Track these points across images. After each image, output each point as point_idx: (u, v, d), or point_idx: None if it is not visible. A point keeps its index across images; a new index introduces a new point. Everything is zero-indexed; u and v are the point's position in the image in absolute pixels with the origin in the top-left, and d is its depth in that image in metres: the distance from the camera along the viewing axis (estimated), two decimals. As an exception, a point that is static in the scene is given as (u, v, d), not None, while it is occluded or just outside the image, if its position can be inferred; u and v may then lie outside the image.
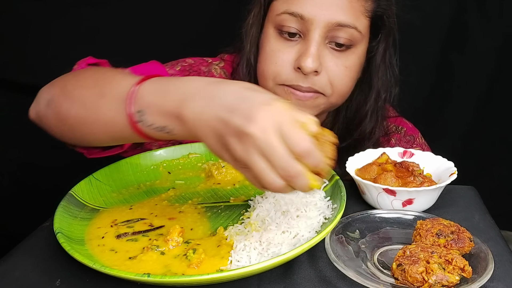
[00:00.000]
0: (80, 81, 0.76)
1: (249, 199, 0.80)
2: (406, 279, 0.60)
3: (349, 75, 0.96)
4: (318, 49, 0.91)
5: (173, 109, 0.62)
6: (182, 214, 0.77)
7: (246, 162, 0.57)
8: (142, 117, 0.64)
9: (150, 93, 0.64)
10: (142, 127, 0.65)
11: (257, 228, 0.69)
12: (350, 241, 0.70)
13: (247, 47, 1.02)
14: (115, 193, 0.84)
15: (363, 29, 0.93)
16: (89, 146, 0.79)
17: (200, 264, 0.63)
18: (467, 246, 0.66)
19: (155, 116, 0.63)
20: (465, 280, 0.60)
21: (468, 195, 0.86)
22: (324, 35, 0.91)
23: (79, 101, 0.72)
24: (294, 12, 0.91)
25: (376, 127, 1.05)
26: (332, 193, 0.78)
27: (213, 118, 0.58)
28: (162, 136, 0.65)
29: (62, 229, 0.68)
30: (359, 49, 0.95)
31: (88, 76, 0.77)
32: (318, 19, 0.89)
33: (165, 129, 0.64)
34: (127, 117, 0.65)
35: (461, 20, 1.53)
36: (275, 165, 0.56)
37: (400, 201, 0.79)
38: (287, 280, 0.64)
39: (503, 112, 1.61)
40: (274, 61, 0.95)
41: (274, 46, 0.95)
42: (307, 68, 0.90)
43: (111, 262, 0.64)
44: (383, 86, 1.03)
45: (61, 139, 0.79)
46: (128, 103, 0.65)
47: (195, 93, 0.61)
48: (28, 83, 1.41)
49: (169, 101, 0.62)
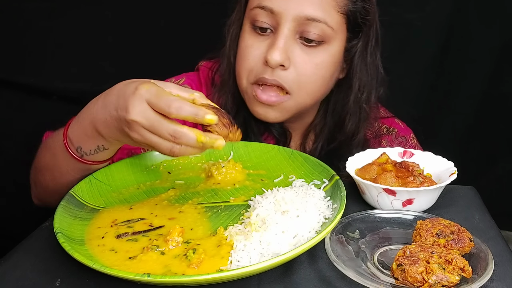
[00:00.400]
0: (40, 154, 0.91)
1: (249, 199, 0.80)
2: (406, 279, 0.60)
3: (319, 73, 0.94)
4: (285, 43, 0.90)
5: (91, 131, 0.76)
6: (182, 214, 0.77)
7: (144, 142, 0.69)
8: (81, 151, 0.80)
9: (75, 131, 0.79)
10: (88, 158, 0.80)
11: (257, 228, 0.69)
12: (350, 241, 0.70)
13: (227, 46, 1.02)
14: (115, 193, 0.84)
15: (334, 24, 0.92)
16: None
17: (200, 264, 0.63)
18: (467, 246, 0.66)
19: (88, 144, 0.78)
20: (465, 280, 0.60)
21: (468, 195, 0.86)
22: (293, 29, 0.90)
23: (45, 169, 0.88)
24: (265, 6, 0.91)
25: (359, 128, 1.03)
26: (332, 193, 0.78)
27: (110, 119, 0.72)
28: (104, 154, 0.80)
29: (62, 229, 0.68)
30: (332, 46, 0.94)
31: (43, 147, 0.91)
32: (287, 13, 0.89)
33: (100, 148, 0.78)
34: (73, 158, 0.80)
35: (460, 20, 1.53)
36: (161, 135, 0.67)
37: (400, 201, 0.79)
38: (287, 280, 0.64)
39: (503, 112, 1.61)
40: (246, 57, 0.95)
41: (247, 42, 0.95)
42: (272, 60, 0.89)
43: (111, 262, 0.64)
44: (364, 86, 1.00)
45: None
46: (67, 148, 0.80)
47: (95, 110, 0.75)
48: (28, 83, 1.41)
49: (86, 128, 0.77)
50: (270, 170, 0.90)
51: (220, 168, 0.88)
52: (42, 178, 0.90)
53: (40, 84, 1.39)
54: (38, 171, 0.91)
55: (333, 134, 1.05)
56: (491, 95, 1.59)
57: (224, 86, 1.03)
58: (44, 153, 0.90)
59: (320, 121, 1.07)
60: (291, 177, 0.87)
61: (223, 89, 1.03)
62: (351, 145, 1.02)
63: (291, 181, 0.85)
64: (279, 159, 0.92)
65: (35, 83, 1.41)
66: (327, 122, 1.05)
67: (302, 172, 0.87)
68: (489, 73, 1.58)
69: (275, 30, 0.92)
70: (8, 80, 1.40)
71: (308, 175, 0.86)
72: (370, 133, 1.09)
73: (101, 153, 0.80)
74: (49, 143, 0.89)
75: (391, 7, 1.50)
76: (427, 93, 1.63)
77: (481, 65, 1.57)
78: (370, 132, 1.09)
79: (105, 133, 0.75)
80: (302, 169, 0.88)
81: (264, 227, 0.69)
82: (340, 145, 1.03)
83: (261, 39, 0.94)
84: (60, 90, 1.42)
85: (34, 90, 1.41)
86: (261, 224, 0.70)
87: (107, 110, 0.72)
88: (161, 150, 0.69)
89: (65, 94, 1.44)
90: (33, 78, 1.41)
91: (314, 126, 1.08)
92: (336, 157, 1.00)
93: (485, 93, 1.60)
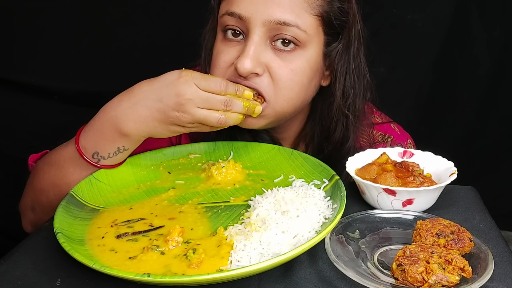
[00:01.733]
0: (40, 174, 0.91)
1: (249, 199, 0.80)
2: (406, 279, 0.60)
3: (295, 79, 0.88)
4: (256, 49, 0.85)
5: (113, 134, 0.80)
6: (182, 214, 0.77)
7: (195, 119, 0.78)
8: (98, 155, 0.83)
9: (91, 138, 0.83)
10: (105, 162, 0.84)
11: (257, 228, 0.69)
12: (350, 241, 0.70)
13: (203, 56, 0.99)
14: (115, 193, 0.84)
15: (308, 27, 0.87)
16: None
17: (200, 264, 0.63)
18: (467, 246, 0.66)
19: (107, 148, 0.82)
20: (465, 280, 0.60)
21: (468, 196, 0.86)
22: (264, 34, 0.86)
23: (50, 185, 0.87)
24: (233, 12, 0.87)
25: (347, 136, 0.98)
26: (332, 193, 0.78)
27: (149, 113, 0.78)
28: (123, 155, 0.84)
29: (62, 229, 0.68)
30: (308, 51, 0.89)
31: (41, 168, 0.91)
32: (255, 18, 0.85)
33: (120, 149, 0.83)
34: (89, 164, 0.83)
35: (462, 20, 1.53)
36: (215, 106, 0.78)
37: (400, 201, 0.79)
38: (287, 280, 0.64)
39: (504, 113, 1.61)
40: (217, 64, 0.90)
41: (218, 49, 0.91)
42: (242, 68, 0.84)
43: (111, 262, 0.64)
44: (347, 92, 0.95)
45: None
46: (83, 157, 0.83)
47: (119, 112, 0.80)
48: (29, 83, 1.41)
49: (107, 132, 0.81)
50: (270, 170, 0.90)
51: (220, 168, 0.87)
52: (45, 199, 0.89)
53: (40, 84, 1.40)
54: (39, 193, 0.90)
55: (321, 143, 1.01)
56: (492, 95, 1.59)
57: None
58: (45, 171, 0.89)
59: (309, 131, 1.03)
60: (291, 177, 0.87)
61: None
62: (341, 154, 0.97)
63: (291, 181, 0.85)
64: (279, 159, 0.92)
65: (35, 83, 1.41)
66: (315, 132, 1.02)
67: (302, 172, 0.87)
68: (489, 73, 1.58)
69: (245, 36, 0.88)
70: (8, 80, 1.40)
71: (308, 175, 0.86)
72: (365, 141, 1.04)
73: (120, 155, 0.84)
74: (50, 160, 0.89)
75: (393, 9, 1.51)
76: (428, 93, 1.63)
77: (482, 65, 1.57)
78: (365, 140, 1.04)
79: (137, 131, 0.80)
80: (302, 169, 0.88)
81: (264, 227, 0.69)
82: (329, 154, 0.99)
83: (232, 45, 0.89)
84: (60, 90, 1.42)
85: (35, 90, 1.41)
86: (261, 224, 0.70)
87: (143, 106, 0.79)
88: (211, 122, 0.79)
89: (66, 94, 1.44)
90: (33, 78, 1.41)
91: (303, 136, 1.04)
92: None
93: (485, 93, 1.60)
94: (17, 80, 1.41)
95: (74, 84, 1.43)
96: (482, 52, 1.56)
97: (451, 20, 1.53)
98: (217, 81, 0.80)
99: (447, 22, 1.54)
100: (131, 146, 0.84)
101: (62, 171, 0.86)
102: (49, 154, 0.92)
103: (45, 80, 1.39)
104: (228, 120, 0.81)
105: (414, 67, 1.59)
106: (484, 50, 1.55)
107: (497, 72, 1.57)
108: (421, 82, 1.61)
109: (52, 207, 0.84)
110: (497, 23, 1.52)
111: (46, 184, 0.89)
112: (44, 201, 0.89)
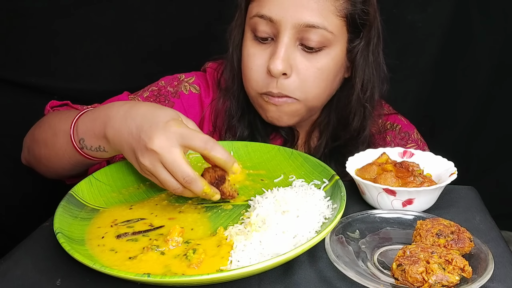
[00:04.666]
0: (42, 127, 0.93)
1: (249, 199, 0.80)
2: (406, 279, 0.60)
3: (321, 77, 0.94)
4: (286, 51, 0.91)
5: (100, 131, 0.78)
6: (182, 214, 0.77)
7: (152, 172, 0.72)
8: (83, 143, 0.81)
9: (85, 123, 0.81)
10: (86, 151, 0.82)
11: (257, 228, 0.69)
12: (350, 241, 0.70)
13: (230, 52, 1.03)
14: (115, 193, 0.84)
15: (334, 29, 0.92)
16: (61, 176, 0.95)
17: (200, 264, 0.63)
18: (467, 246, 0.66)
19: (91, 140, 0.80)
20: (465, 280, 0.60)
21: (469, 196, 0.86)
22: (293, 36, 0.91)
23: (42, 143, 0.90)
24: (264, 15, 0.91)
25: (364, 126, 1.03)
26: (332, 193, 0.78)
27: (127, 134, 0.73)
28: (102, 154, 0.82)
29: (62, 229, 0.68)
30: (333, 50, 0.94)
31: (47, 121, 0.93)
32: (286, 21, 0.90)
33: (100, 148, 0.80)
34: (73, 146, 0.82)
35: (462, 20, 1.53)
36: (175, 175, 0.70)
37: (400, 201, 0.79)
38: (287, 280, 0.64)
39: (504, 112, 1.61)
40: (250, 66, 0.96)
41: (250, 50, 0.96)
42: (275, 70, 0.90)
43: (111, 262, 0.64)
44: (367, 84, 1.00)
45: (43, 176, 0.97)
46: (72, 135, 0.82)
47: (113, 115, 0.77)
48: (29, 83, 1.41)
49: (97, 126, 0.79)
50: (270, 170, 0.90)
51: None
52: (37, 150, 0.91)
53: (41, 84, 1.39)
54: (35, 142, 0.92)
55: (338, 131, 1.05)
56: (492, 95, 1.59)
57: (229, 90, 1.05)
58: (46, 128, 0.91)
59: (324, 119, 1.08)
60: (291, 177, 0.86)
61: (227, 93, 1.05)
62: (357, 143, 1.03)
63: (291, 181, 0.85)
64: (279, 159, 0.92)
65: (35, 83, 1.41)
66: (330, 120, 1.06)
67: (302, 172, 0.87)
68: (490, 73, 1.58)
69: (275, 38, 0.93)
70: (8, 80, 1.40)
71: (308, 175, 0.86)
72: (375, 129, 1.09)
73: (100, 153, 0.82)
74: (54, 121, 0.90)
75: (393, 8, 1.51)
76: (428, 93, 1.63)
77: (482, 65, 1.57)
78: (375, 128, 1.09)
79: (113, 141, 0.77)
80: (302, 169, 0.88)
81: (264, 227, 0.69)
82: (345, 143, 1.04)
83: (263, 47, 0.95)
84: (61, 90, 1.42)
85: (35, 90, 1.41)
86: (261, 224, 0.70)
87: (127, 125, 0.74)
88: (166, 186, 0.72)
89: (66, 94, 1.44)
90: (34, 78, 1.41)
91: (318, 124, 1.08)
92: (341, 154, 1.02)
93: (486, 93, 1.60)
94: (17, 80, 1.40)
95: (74, 84, 1.42)
96: (482, 52, 1.56)
97: (451, 20, 1.53)
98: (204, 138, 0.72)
99: (448, 23, 1.54)
100: (110, 151, 0.80)
101: (55, 137, 0.86)
102: (57, 114, 0.93)
103: (45, 80, 1.39)
104: (182, 193, 0.74)
105: (414, 67, 1.59)
106: (484, 50, 1.55)
107: (498, 72, 1.57)
108: (421, 82, 1.61)
109: (40, 160, 0.92)
110: (498, 23, 1.52)
111: (40, 139, 0.90)
112: (36, 150, 0.92)
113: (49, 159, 0.89)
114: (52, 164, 0.90)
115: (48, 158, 0.89)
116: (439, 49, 1.57)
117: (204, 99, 1.08)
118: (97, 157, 0.83)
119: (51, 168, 0.91)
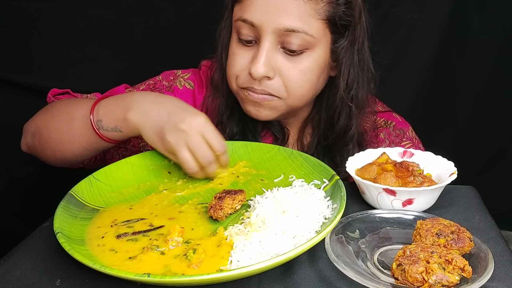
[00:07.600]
0: (53, 112, 0.98)
1: (249, 199, 0.80)
2: (406, 279, 0.60)
3: (304, 78, 0.96)
4: (267, 55, 0.93)
5: (121, 113, 0.85)
6: (182, 214, 0.77)
7: (174, 150, 0.81)
8: (100, 123, 0.88)
9: (106, 106, 0.88)
10: (102, 131, 0.88)
11: (257, 228, 0.69)
12: (350, 241, 0.70)
13: (219, 51, 1.05)
14: (115, 193, 0.84)
15: (315, 32, 0.93)
16: (66, 162, 0.98)
17: (200, 264, 0.63)
18: (467, 246, 0.66)
19: (109, 121, 0.87)
20: (465, 280, 0.60)
21: (468, 195, 0.86)
22: (274, 40, 0.93)
23: (55, 127, 0.94)
24: (246, 19, 0.93)
25: (350, 125, 1.03)
26: (332, 193, 0.78)
27: (155, 114, 0.83)
28: (116, 135, 0.88)
29: (62, 229, 0.68)
30: (315, 51, 0.95)
31: (58, 107, 0.98)
32: (267, 26, 0.91)
33: (116, 128, 0.87)
34: (91, 127, 0.88)
35: (461, 19, 1.53)
36: (199, 156, 0.81)
37: (400, 201, 0.79)
38: (287, 280, 0.64)
39: (504, 112, 1.61)
40: (233, 65, 0.98)
41: (234, 50, 0.98)
42: (255, 73, 0.93)
43: (111, 262, 0.64)
44: (351, 84, 1.00)
45: (46, 161, 1.00)
46: (92, 117, 0.88)
47: (141, 100, 0.86)
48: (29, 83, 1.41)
49: (119, 109, 0.86)
50: (270, 170, 0.90)
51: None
52: (46, 135, 0.95)
53: (40, 84, 1.39)
54: (44, 127, 0.95)
55: (326, 130, 1.06)
56: (491, 95, 1.59)
57: (218, 89, 1.06)
58: (60, 113, 0.95)
59: (315, 115, 1.09)
60: (291, 177, 0.86)
61: (217, 92, 1.07)
62: (345, 141, 1.04)
63: (291, 181, 0.85)
64: (279, 159, 0.92)
65: (35, 83, 1.41)
66: (321, 116, 1.07)
67: (302, 172, 0.87)
68: (489, 73, 1.58)
69: (258, 41, 0.95)
70: (8, 80, 1.40)
71: (308, 175, 0.86)
72: (369, 126, 1.09)
73: (115, 133, 0.88)
74: (69, 107, 0.95)
75: (392, 8, 1.51)
76: (428, 93, 1.63)
77: (481, 64, 1.57)
78: (368, 125, 1.09)
79: (135, 122, 0.84)
80: (302, 169, 0.88)
81: (264, 227, 0.69)
82: (333, 142, 1.05)
83: (247, 49, 0.96)
84: (60, 90, 1.42)
85: (35, 90, 1.41)
86: (261, 224, 0.70)
87: (157, 108, 0.83)
88: (184, 165, 0.82)
89: (66, 94, 1.44)
90: (33, 78, 1.41)
91: (310, 120, 1.10)
92: (331, 152, 1.04)
93: (485, 93, 1.60)
94: (17, 80, 1.40)
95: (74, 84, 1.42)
96: (481, 51, 1.55)
97: (450, 19, 1.53)
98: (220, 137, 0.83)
99: (446, 22, 1.54)
100: (125, 131, 0.87)
101: (71, 121, 0.91)
102: (70, 100, 0.99)
103: (45, 80, 1.39)
104: (196, 174, 0.84)
105: (413, 66, 1.59)
106: (483, 49, 1.55)
107: (497, 71, 1.57)
108: (420, 81, 1.61)
109: (47, 145, 0.95)
110: (496, 22, 1.52)
111: (53, 125, 0.94)
112: (45, 136, 0.95)
113: (61, 142, 0.93)
114: (61, 148, 0.93)
115: (59, 142, 0.93)
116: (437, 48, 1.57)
117: (197, 95, 1.11)
118: (111, 138, 0.89)
119: (58, 152, 0.94)
